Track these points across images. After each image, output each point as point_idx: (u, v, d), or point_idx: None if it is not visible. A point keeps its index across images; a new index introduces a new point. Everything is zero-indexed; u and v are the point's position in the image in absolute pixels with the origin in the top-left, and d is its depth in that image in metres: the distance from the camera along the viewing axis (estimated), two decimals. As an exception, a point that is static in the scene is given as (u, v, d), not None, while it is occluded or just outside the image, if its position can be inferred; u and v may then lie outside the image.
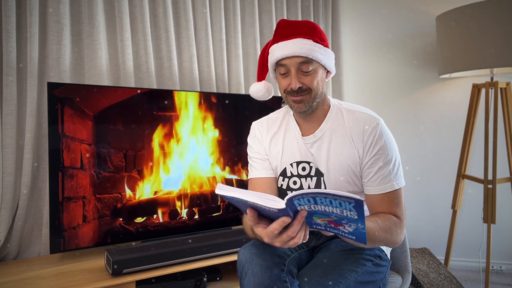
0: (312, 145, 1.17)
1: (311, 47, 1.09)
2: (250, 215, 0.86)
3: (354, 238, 0.84)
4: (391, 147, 1.11)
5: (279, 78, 1.15)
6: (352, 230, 0.81)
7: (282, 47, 1.10)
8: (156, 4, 2.03)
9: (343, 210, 0.76)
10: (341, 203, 0.74)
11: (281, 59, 1.10)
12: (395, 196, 1.10)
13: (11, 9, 1.63)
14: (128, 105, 1.71)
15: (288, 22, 1.14)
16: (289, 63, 1.09)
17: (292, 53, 1.08)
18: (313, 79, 1.10)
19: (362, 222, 0.77)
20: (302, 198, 0.76)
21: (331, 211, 0.78)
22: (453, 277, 2.11)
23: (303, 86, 1.09)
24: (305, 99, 1.11)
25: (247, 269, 1.01)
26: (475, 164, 2.45)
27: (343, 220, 0.79)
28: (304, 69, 1.09)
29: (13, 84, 1.65)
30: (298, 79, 1.09)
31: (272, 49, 1.14)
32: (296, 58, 1.08)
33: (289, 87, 1.10)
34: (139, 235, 1.74)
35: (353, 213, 0.75)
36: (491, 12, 1.94)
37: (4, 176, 1.65)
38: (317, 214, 0.80)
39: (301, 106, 1.12)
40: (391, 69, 2.66)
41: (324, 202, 0.76)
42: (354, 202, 0.73)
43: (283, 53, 1.09)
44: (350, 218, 0.77)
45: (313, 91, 1.11)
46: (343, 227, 0.81)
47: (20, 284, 1.42)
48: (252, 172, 1.26)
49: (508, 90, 2.18)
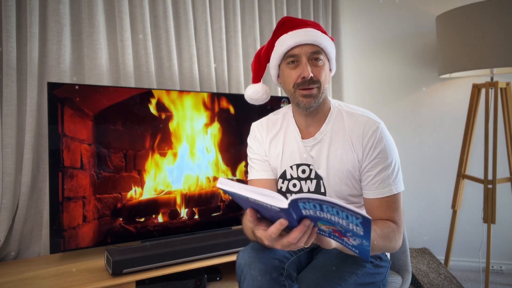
0: (312, 148, 1.16)
1: (322, 36, 1.09)
2: (250, 215, 0.83)
3: (357, 252, 0.81)
4: (390, 151, 1.10)
5: (287, 71, 1.11)
6: (357, 244, 0.78)
7: (294, 35, 1.08)
8: (156, 4, 2.03)
9: (349, 223, 0.73)
10: (348, 216, 0.71)
11: (292, 48, 1.08)
12: (394, 201, 1.08)
13: (11, 9, 1.63)
14: (128, 105, 1.71)
15: (293, 18, 1.14)
16: (300, 52, 1.07)
17: (305, 41, 1.06)
18: (321, 71, 1.09)
19: (367, 240, 0.74)
20: (308, 202, 0.73)
21: (337, 221, 0.75)
22: (453, 277, 2.11)
23: (314, 77, 1.07)
24: (314, 93, 1.08)
25: (246, 273, 1.00)
26: (475, 164, 2.45)
27: (348, 232, 0.76)
28: (315, 59, 1.08)
29: (13, 84, 1.65)
30: (310, 69, 1.07)
31: (281, 39, 1.11)
32: (308, 46, 1.07)
33: (300, 77, 1.07)
34: (139, 235, 1.74)
35: (359, 229, 0.73)
36: (491, 12, 1.94)
37: (4, 176, 1.65)
38: (322, 220, 0.77)
39: (310, 101, 1.09)
40: (391, 69, 2.66)
41: (331, 211, 0.73)
42: (362, 219, 0.70)
43: (295, 41, 1.07)
44: (356, 232, 0.74)
45: (321, 84, 1.09)
46: (347, 239, 0.79)
47: (20, 284, 1.42)
48: (252, 173, 1.25)
49: (508, 90, 2.18)
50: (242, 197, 0.78)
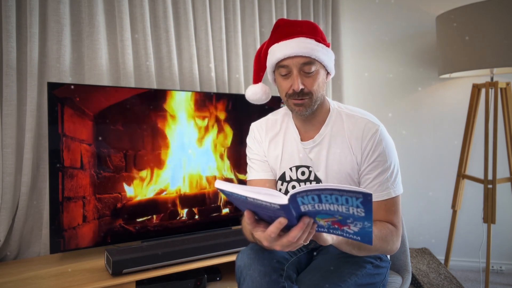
0: (311, 150, 1.15)
1: (314, 47, 1.06)
2: (248, 217, 0.82)
3: (359, 238, 0.80)
4: (390, 154, 1.09)
5: (279, 80, 1.11)
6: (358, 229, 0.77)
7: (284, 46, 1.06)
8: (156, 4, 2.03)
9: (349, 207, 0.72)
10: (348, 200, 0.71)
11: (283, 59, 1.07)
12: (392, 204, 1.08)
13: (11, 9, 1.63)
14: (128, 105, 1.71)
15: (288, 22, 1.11)
16: (291, 64, 1.06)
17: (295, 53, 1.04)
18: (314, 81, 1.07)
19: (369, 220, 0.73)
20: (306, 196, 0.72)
21: (336, 210, 0.74)
22: (453, 277, 2.11)
23: (304, 88, 1.06)
24: (306, 103, 1.08)
25: (245, 275, 0.99)
26: (475, 164, 2.45)
27: (348, 219, 0.76)
28: (306, 70, 1.06)
29: (13, 84, 1.65)
30: (301, 81, 1.06)
31: (272, 49, 1.10)
32: (298, 58, 1.05)
33: (291, 89, 1.07)
34: (139, 235, 1.74)
35: (360, 210, 0.72)
36: (491, 12, 1.94)
37: (4, 176, 1.65)
38: (321, 214, 0.77)
39: (302, 109, 1.09)
40: (391, 69, 2.66)
41: (330, 200, 0.72)
42: (362, 197, 0.69)
43: (285, 53, 1.05)
44: (356, 216, 0.73)
45: (313, 94, 1.08)
46: (347, 227, 0.78)
47: (20, 284, 1.42)
48: (251, 173, 1.24)
49: (508, 90, 2.18)
50: (240, 197, 0.78)
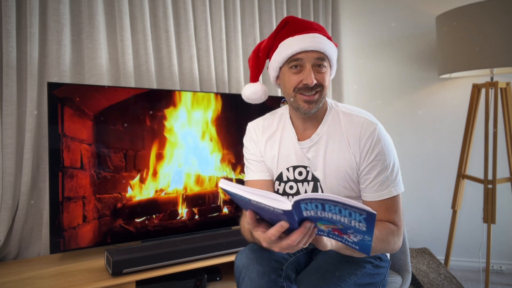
0: (309, 150, 1.14)
1: (327, 44, 1.07)
2: (249, 217, 0.82)
3: (357, 248, 0.80)
4: (389, 153, 1.08)
5: (288, 75, 1.09)
6: (357, 240, 0.77)
7: (301, 39, 1.05)
8: (156, 4, 2.03)
9: (351, 220, 0.72)
10: (351, 213, 0.70)
11: (298, 53, 1.05)
12: (393, 203, 1.07)
13: (11, 9, 1.63)
14: (128, 105, 1.71)
15: (297, 18, 1.12)
16: (305, 58, 1.05)
17: (312, 47, 1.04)
18: (325, 76, 1.08)
19: (370, 235, 0.73)
20: (310, 203, 0.72)
21: (338, 219, 0.74)
22: (453, 277, 2.11)
23: (317, 82, 1.06)
24: (315, 99, 1.07)
25: (244, 275, 0.99)
26: (475, 164, 2.45)
27: (349, 229, 0.75)
28: (318, 65, 1.07)
29: (13, 84, 1.65)
30: (313, 75, 1.06)
31: (286, 43, 1.08)
32: (314, 53, 1.05)
33: (301, 83, 1.06)
34: (139, 235, 1.74)
35: (362, 225, 0.72)
36: (491, 12, 1.94)
37: (4, 176, 1.65)
38: (322, 220, 0.76)
39: (311, 107, 1.08)
40: (391, 69, 2.66)
41: (333, 210, 0.72)
42: (366, 214, 0.69)
43: (301, 46, 1.05)
44: (358, 229, 0.73)
45: (324, 89, 1.08)
46: (347, 236, 0.78)
47: (20, 284, 1.42)
48: (249, 174, 1.23)
49: (508, 90, 2.18)
50: (244, 199, 0.78)
